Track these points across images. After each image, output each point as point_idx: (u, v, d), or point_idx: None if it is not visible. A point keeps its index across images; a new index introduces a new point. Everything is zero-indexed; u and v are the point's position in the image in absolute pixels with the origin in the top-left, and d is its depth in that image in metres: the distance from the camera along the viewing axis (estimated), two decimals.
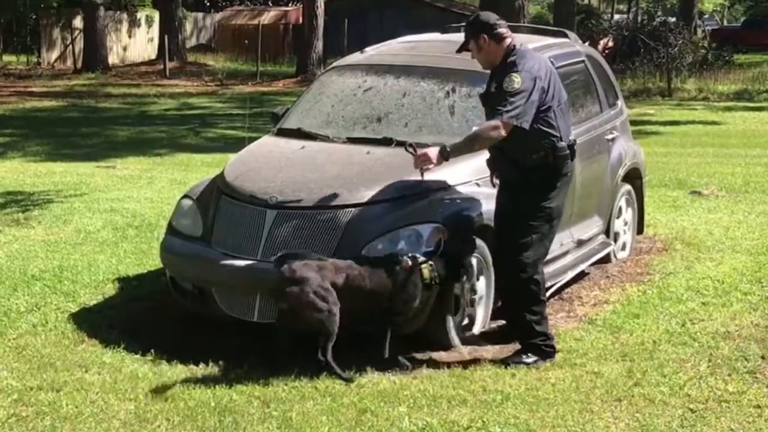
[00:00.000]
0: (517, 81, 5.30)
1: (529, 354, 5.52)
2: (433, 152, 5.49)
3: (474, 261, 5.92)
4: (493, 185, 5.74)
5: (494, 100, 5.37)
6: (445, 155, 5.49)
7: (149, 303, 6.72)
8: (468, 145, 5.46)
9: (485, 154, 5.73)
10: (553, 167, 5.47)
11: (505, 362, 5.49)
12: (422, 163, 5.52)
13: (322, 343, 5.19)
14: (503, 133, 5.31)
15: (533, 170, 5.46)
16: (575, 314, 6.56)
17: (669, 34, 26.44)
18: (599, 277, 7.38)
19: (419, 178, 5.67)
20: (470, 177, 6.07)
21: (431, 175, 5.91)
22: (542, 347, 5.54)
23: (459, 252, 5.49)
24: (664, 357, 5.61)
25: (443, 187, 5.91)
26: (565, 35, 7.79)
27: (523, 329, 5.55)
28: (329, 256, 5.59)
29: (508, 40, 5.53)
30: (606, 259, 7.62)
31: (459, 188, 5.96)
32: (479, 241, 5.92)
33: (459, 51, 5.77)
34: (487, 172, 6.12)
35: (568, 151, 5.51)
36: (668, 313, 6.42)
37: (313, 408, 4.91)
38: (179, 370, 5.41)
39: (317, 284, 5.15)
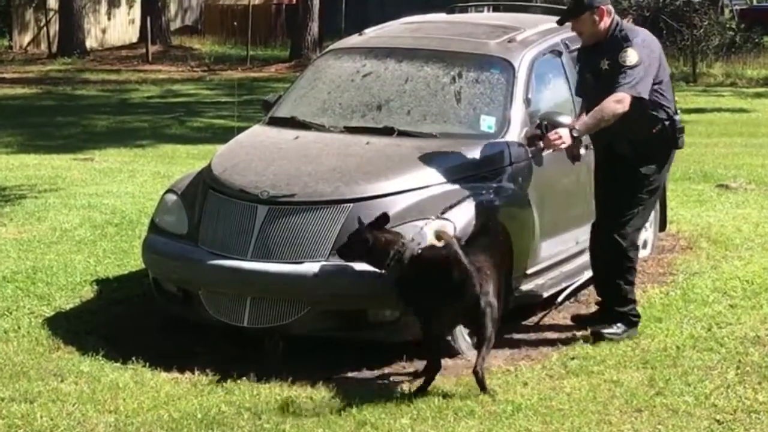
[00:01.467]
0: (633, 54, 5.76)
1: (618, 324, 5.98)
2: (565, 132, 5.76)
3: None
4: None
5: (612, 75, 5.76)
6: (575, 135, 5.80)
7: (130, 307, 6.72)
8: (595, 123, 5.78)
9: None
10: (672, 140, 5.96)
11: (597, 335, 5.94)
12: (554, 143, 5.77)
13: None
14: (627, 106, 5.70)
15: (649, 144, 5.91)
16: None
17: (694, 14, 26.41)
18: None
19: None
20: (479, 169, 6.07)
21: (434, 167, 5.91)
22: (631, 317, 6.04)
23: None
24: (689, 364, 5.60)
25: (450, 179, 5.91)
26: None
27: (618, 298, 6.04)
28: (325, 257, 5.60)
29: (614, 15, 5.94)
30: None
31: (467, 181, 5.96)
32: (488, 239, 5.91)
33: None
34: (496, 164, 6.12)
35: (682, 125, 6.03)
36: (693, 317, 6.42)
37: (308, 420, 4.90)
38: (163, 379, 5.41)
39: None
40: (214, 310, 5.82)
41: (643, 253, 7.88)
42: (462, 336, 5.81)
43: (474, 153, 6.13)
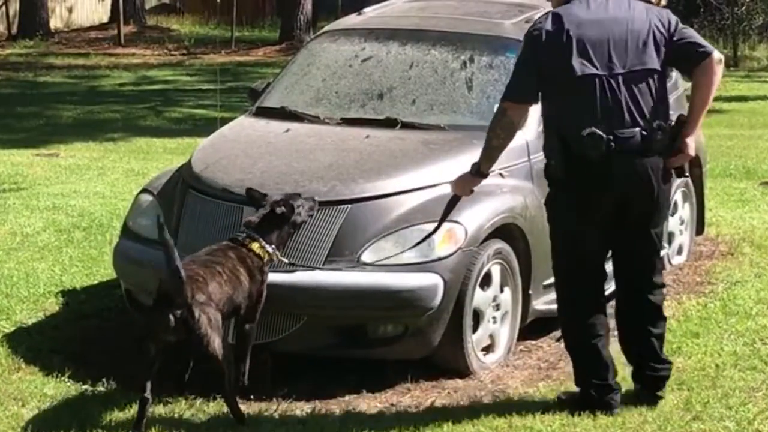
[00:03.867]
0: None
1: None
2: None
3: (497, 268, 5.92)
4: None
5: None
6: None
7: (100, 321, 6.72)
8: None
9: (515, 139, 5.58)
10: (557, 176, 5.24)
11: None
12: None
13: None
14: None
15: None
16: None
17: None
18: None
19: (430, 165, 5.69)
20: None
21: (443, 163, 5.91)
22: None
23: None
24: (730, 385, 5.60)
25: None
26: None
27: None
28: (322, 263, 5.60)
29: None
30: None
31: None
32: (503, 245, 5.92)
33: None
34: (513, 160, 6.11)
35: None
36: (734, 332, 6.41)
37: None
38: (138, 403, 5.40)
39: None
40: None
41: (678, 260, 7.90)
42: (474, 354, 5.81)
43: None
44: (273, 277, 5.58)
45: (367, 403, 5.53)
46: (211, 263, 5.27)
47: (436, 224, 5.50)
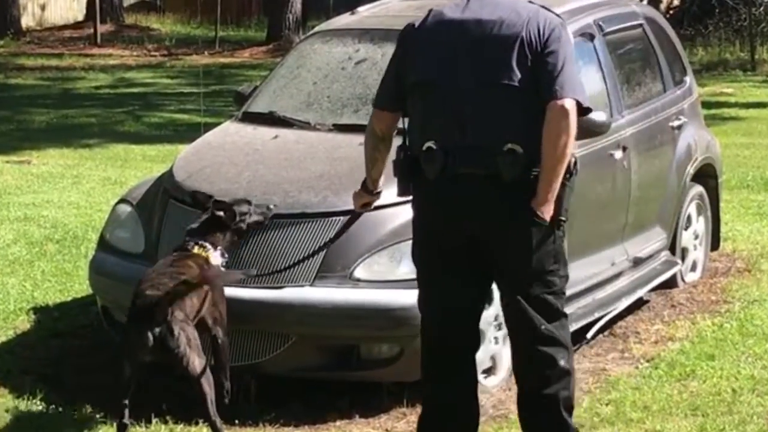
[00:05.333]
0: None
1: None
2: None
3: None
4: None
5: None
6: None
7: (75, 340, 6.71)
8: None
9: None
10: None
11: None
12: None
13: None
14: None
15: None
16: (631, 355, 6.55)
17: None
18: (662, 306, 7.38)
19: None
20: None
21: None
22: None
23: None
24: (747, 411, 5.61)
25: None
26: None
27: None
28: (312, 279, 5.60)
29: None
30: (671, 283, 7.62)
31: None
32: None
33: None
34: None
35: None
36: (752, 354, 6.42)
37: None
38: (115, 429, 5.40)
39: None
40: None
41: (692, 277, 7.91)
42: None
43: None
44: (259, 295, 5.59)
45: (360, 429, 5.53)
46: (177, 274, 5.28)
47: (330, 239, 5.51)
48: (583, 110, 4.53)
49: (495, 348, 5.98)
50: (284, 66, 7.30)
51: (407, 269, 5.58)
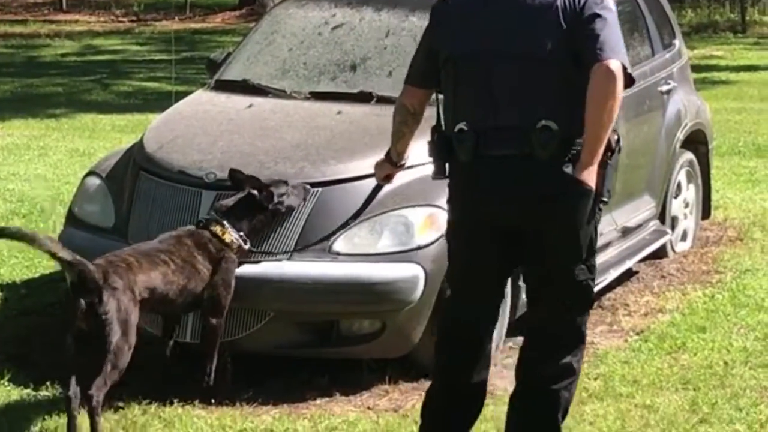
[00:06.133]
0: None
1: None
2: None
3: None
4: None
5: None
6: None
7: (43, 319, 6.70)
8: None
9: None
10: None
11: None
12: None
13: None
14: None
15: None
16: (620, 328, 6.58)
17: None
18: (652, 277, 7.40)
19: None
20: None
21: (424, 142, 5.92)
22: None
23: None
24: (740, 384, 5.63)
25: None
26: None
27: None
28: (289, 253, 5.60)
29: None
30: (661, 253, 7.65)
31: None
32: None
33: None
34: None
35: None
36: (744, 325, 6.45)
37: None
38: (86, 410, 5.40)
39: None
40: (149, 322, 5.80)
41: (682, 247, 7.94)
42: None
43: None
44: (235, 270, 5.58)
45: (341, 407, 5.53)
46: (156, 251, 5.27)
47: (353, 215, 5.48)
48: (627, 78, 4.44)
49: None
50: (258, 32, 7.27)
51: (388, 242, 5.59)
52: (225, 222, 5.48)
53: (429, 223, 5.67)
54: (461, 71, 4.49)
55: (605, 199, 4.41)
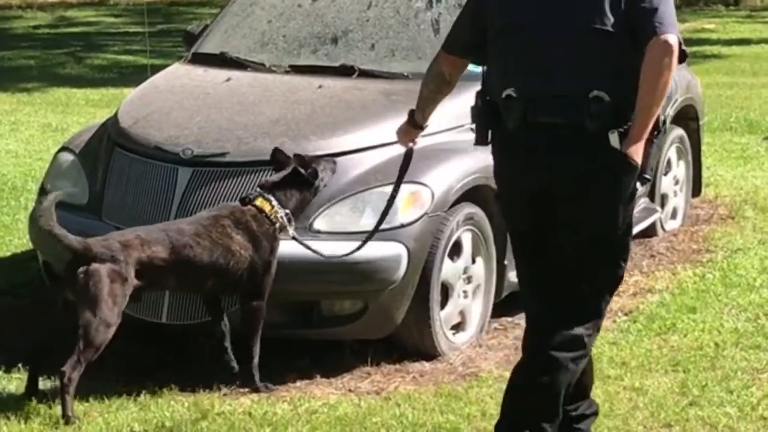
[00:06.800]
0: None
1: None
2: None
3: (469, 236, 5.93)
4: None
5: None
6: None
7: (14, 299, 6.69)
8: None
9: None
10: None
11: None
12: None
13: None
14: None
15: None
16: (608, 308, 6.56)
17: None
18: (641, 256, 7.42)
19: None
20: (460, 121, 6.06)
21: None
22: None
23: None
24: (731, 366, 5.65)
25: (427, 132, 5.89)
26: None
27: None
28: None
29: None
30: (650, 232, 7.66)
31: (444, 136, 5.95)
32: (475, 209, 5.92)
33: None
34: None
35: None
36: (735, 306, 6.46)
37: None
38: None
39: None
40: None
41: (672, 225, 7.96)
42: (443, 334, 5.83)
43: (457, 99, 6.11)
44: None
45: (322, 389, 5.53)
46: (177, 231, 5.26)
47: (394, 186, 5.41)
48: (681, 53, 4.43)
49: (464, 302, 6.00)
50: (237, 3, 7.25)
51: (371, 220, 5.58)
52: (272, 199, 5.47)
53: (412, 200, 5.67)
54: (515, 40, 4.51)
55: (648, 176, 4.47)
